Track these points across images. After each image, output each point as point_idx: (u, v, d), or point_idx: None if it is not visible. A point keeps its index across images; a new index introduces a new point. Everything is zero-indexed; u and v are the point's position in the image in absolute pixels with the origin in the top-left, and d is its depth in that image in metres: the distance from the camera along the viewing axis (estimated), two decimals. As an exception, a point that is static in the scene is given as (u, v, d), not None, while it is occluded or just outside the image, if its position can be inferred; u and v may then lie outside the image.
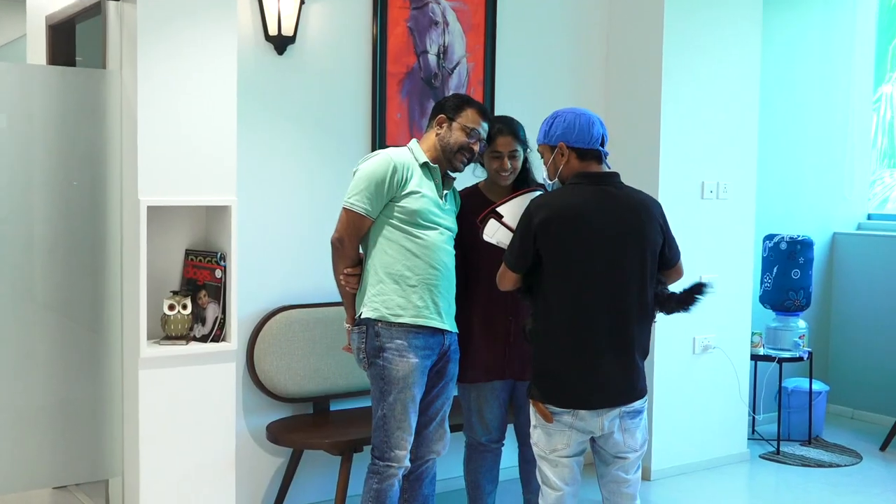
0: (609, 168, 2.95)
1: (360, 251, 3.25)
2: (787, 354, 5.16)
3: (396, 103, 4.17)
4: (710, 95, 4.77)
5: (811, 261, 5.26)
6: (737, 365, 4.96)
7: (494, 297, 3.21)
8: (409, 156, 3.19)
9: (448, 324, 3.22)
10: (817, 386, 5.39)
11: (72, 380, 3.41)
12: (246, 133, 3.67)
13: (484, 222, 3.06)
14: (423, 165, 3.19)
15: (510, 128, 3.34)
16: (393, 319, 3.12)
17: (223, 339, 3.38)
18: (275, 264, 3.94)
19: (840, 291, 5.99)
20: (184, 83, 3.25)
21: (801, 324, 5.27)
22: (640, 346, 2.87)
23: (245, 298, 3.73)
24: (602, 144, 2.93)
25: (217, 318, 3.37)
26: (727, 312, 4.88)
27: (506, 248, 2.96)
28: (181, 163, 3.26)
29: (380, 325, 3.12)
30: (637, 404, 2.89)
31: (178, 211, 3.41)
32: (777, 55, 5.52)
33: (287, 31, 3.82)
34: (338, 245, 3.18)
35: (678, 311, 2.99)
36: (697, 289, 2.96)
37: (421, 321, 3.13)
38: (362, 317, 3.17)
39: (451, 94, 3.92)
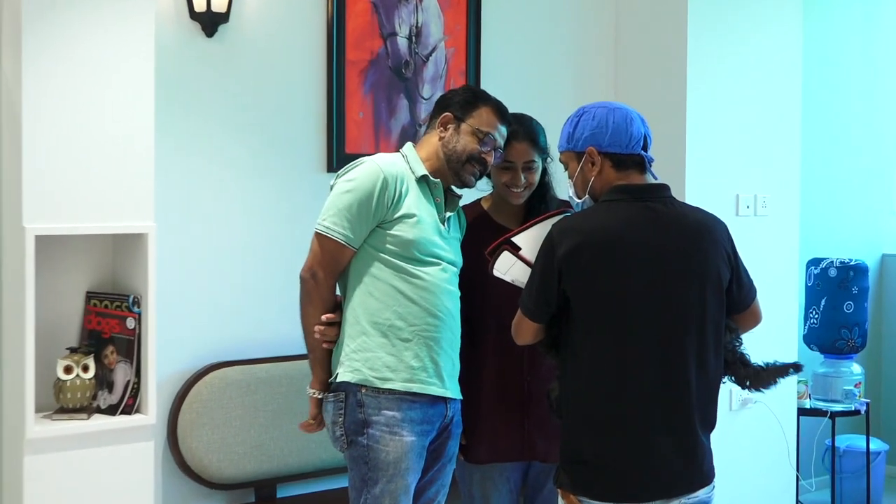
0: (655, 178, 2.76)
1: (338, 292, 3.07)
2: (839, 407, 5.05)
3: (358, 99, 4.05)
4: (745, 92, 4.67)
5: (866, 290, 5.19)
6: (783, 422, 4.80)
7: (508, 351, 3.05)
8: (403, 166, 3.01)
9: (451, 389, 3.03)
10: (875, 445, 5.27)
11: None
12: (165, 139, 3.53)
13: (495, 254, 2.85)
14: (421, 179, 3.02)
15: (526, 131, 3.15)
16: (380, 385, 2.92)
17: (137, 411, 3.23)
18: (204, 310, 3.80)
19: (892, 325, 5.94)
20: (83, 76, 3.11)
21: (855, 368, 5.17)
22: (702, 416, 2.66)
23: (166, 355, 3.54)
24: (645, 148, 2.75)
25: (129, 382, 3.22)
26: (770, 357, 4.60)
27: (523, 287, 2.75)
28: (80, 179, 3.13)
29: (363, 391, 2.92)
30: (702, 493, 2.67)
31: (76, 242, 3.28)
32: (815, 51, 5.51)
33: (218, 7, 3.68)
34: (311, 282, 2.98)
35: (757, 390, 2.89)
36: (787, 371, 2.90)
37: (416, 387, 2.93)
38: (339, 380, 2.96)
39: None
